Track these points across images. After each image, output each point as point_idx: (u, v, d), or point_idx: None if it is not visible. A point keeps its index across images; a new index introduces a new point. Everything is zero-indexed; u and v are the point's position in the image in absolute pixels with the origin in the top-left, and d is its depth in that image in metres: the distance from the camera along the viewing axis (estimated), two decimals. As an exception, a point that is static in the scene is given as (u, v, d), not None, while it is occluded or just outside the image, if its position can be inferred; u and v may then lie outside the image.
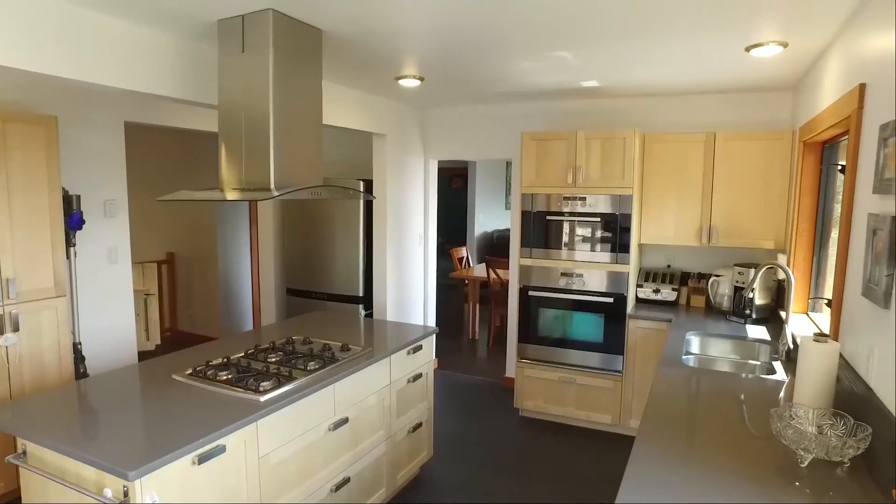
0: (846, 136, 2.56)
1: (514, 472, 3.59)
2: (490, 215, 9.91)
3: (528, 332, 4.30)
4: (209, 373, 2.42)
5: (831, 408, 2.00)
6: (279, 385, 2.33)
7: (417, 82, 3.87)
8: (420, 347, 3.29)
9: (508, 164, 9.93)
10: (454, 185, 10.78)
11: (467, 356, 6.22)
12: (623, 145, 3.87)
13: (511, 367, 5.07)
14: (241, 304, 6.15)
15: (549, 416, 4.36)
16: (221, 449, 1.97)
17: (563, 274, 4.14)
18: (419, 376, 3.31)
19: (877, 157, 1.91)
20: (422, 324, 5.50)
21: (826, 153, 3.32)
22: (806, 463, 1.72)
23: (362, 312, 4.99)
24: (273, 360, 2.68)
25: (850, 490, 1.59)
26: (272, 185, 2.50)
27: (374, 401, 2.90)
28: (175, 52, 2.81)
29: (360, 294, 4.97)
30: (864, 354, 1.94)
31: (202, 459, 1.90)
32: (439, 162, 5.57)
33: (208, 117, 4.57)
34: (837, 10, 2.36)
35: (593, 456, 3.83)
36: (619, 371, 4.03)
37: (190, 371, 2.47)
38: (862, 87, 2.18)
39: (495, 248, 9.68)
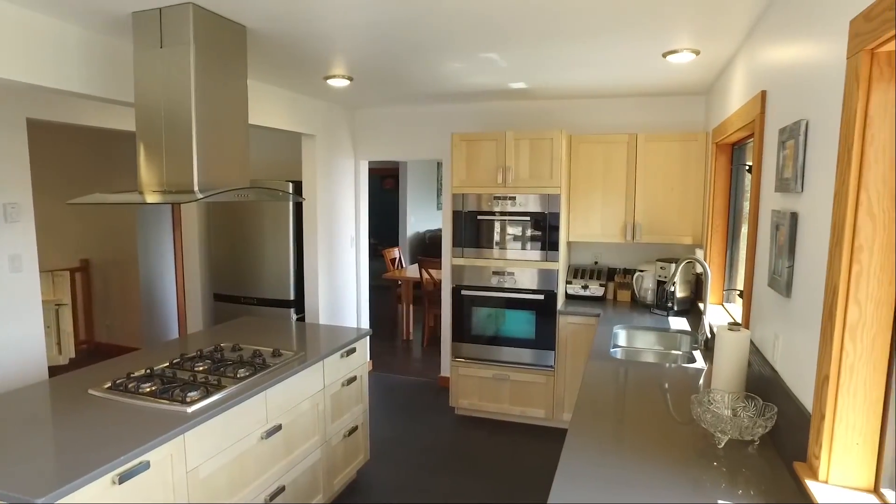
0: (752, 139, 2.74)
1: (452, 471, 3.62)
2: (422, 216, 9.93)
3: (462, 331, 4.34)
4: (130, 385, 2.30)
5: (744, 391, 2.14)
6: (207, 395, 2.24)
7: (347, 82, 3.83)
8: (354, 350, 3.25)
9: (439, 164, 9.99)
10: (386, 186, 10.73)
11: (402, 357, 6.21)
12: (551, 146, 3.98)
13: (446, 366, 5.10)
14: (165, 312, 5.87)
15: (485, 414, 4.42)
16: (145, 465, 1.87)
17: (494, 273, 4.21)
18: (353, 379, 3.28)
19: (777, 159, 2.06)
20: (355, 326, 5.44)
21: (736, 154, 3.54)
22: (722, 444, 1.83)
23: (294, 316, 4.88)
24: (200, 368, 2.57)
25: (759, 466, 1.70)
26: (196, 187, 2.40)
27: (308, 406, 2.84)
28: (83, 45, 2.64)
29: (292, 298, 4.85)
30: (770, 340, 2.08)
31: (124, 478, 1.80)
32: (370, 162, 5.53)
33: (125, 116, 4.33)
34: (740, 23, 2.53)
35: (528, 450, 3.92)
36: (551, 366, 4.14)
37: (108, 385, 2.33)
38: (763, 94, 2.34)
39: (428, 248, 9.71)
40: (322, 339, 3.20)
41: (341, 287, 5.17)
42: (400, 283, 6.95)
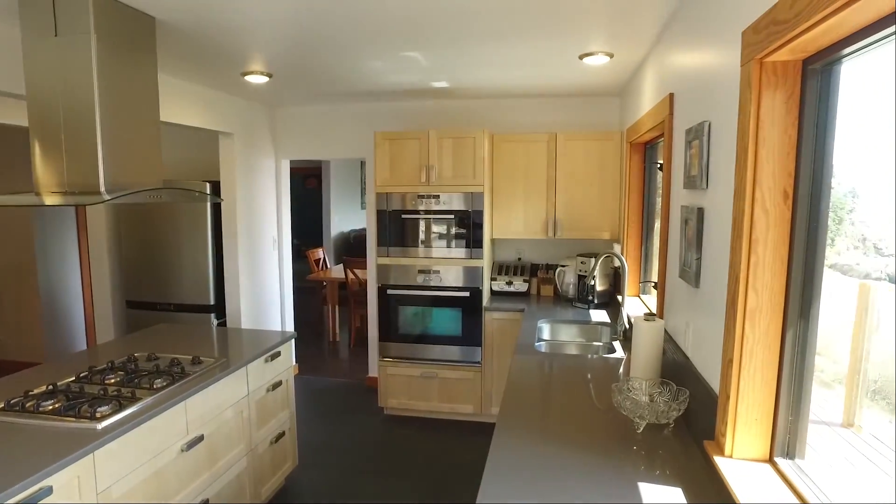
0: (662, 138, 2.90)
1: (382, 472, 3.60)
2: (346, 215, 9.80)
3: (389, 331, 4.32)
4: (28, 404, 2.12)
5: (659, 377, 2.26)
6: (120, 408, 2.11)
7: (265, 79, 3.71)
8: (278, 354, 3.17)
9: (363, 163, 9.89)
10: (308, 186, 10.51)
11: (329, 359, 6.11)
12: (473, 145, 4.04)
13: (373, 366, 5.07)
14: (70, 323, 5.48)
15: (414, 412, 4.43)
16: (47, 491, 1.73)
17: (420, 271, 4.22)
18: (279, 384, 3.19)
19: (685, 157, 2.19)
20: (279, 329, 5.30)
21: (648, 152, 3.73)
22: (641, 429, 1.93)
23: (214, 321, 4.68)
24: (112, 381, 2.42)
25: (674, 447, 1.81)
26: (102, 188, 2.26)
27: (232, 414, 2.74)
28: (-30, 36, 2.42)
29: (212, 302, 4.66)
30: (682, 328, 2.21)
31: None
32: (292, 162, 5.39)
33: (15, 109, 3.99)
34: (649, 29, 2.66)
35: (459, 446, 3.96)
36: (478, 362, 4.20)
37: (2, 405, 2.14)
38: (671, 97, 2.48)
39: (352, 248, 9.60)
40: (245, 343, 3.10)
41: (264, 290, 5.02)
42: (325, 284, 6.83)
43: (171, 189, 2.59)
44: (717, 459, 1.55)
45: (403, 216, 4.19)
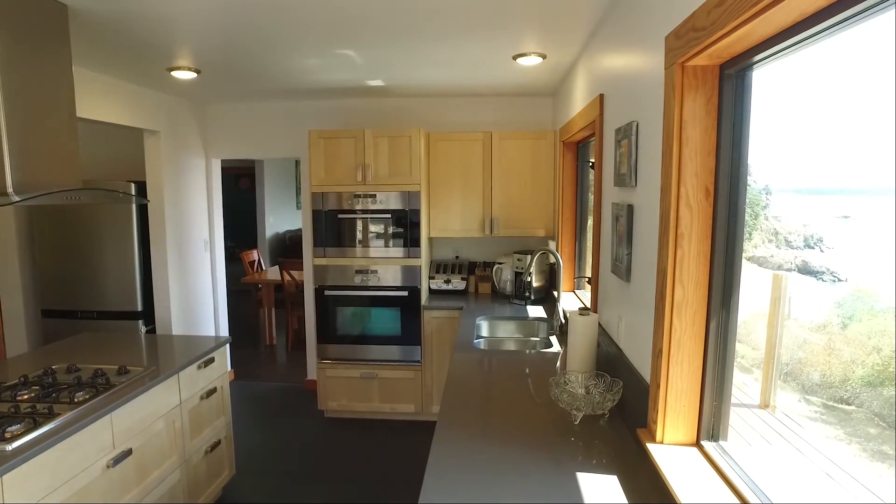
0: (594, 138, 2.99)
1: (323, 476, 3.55)
2: (281, 216, 9.57)
3: (327, 332, 4.26)
4: (-67, 424, 1.95)
5: (594, 370, 2.34)
6: (35, 426, 1.97)
7: (193, 75, 3.57)
8: (212, 360, 3.06)
9: (298, 162, 9.68)
10: (241, 186, 10.20)
11: (266, 363, 5.95)
12: (409, 143, 4.03)
13: (312, 369, 4.97)
14: (-24, 335, 5.07)
15: (355, 414, 4.38)
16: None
17: (358, 271, 4.18)
18: (213, 391, 3.08)
19: (615, 156, 2.27)
20: (213, 334, 5.11)
21: (581, 151, 3.84)
22: (578, 420, 1.98)
23: (143, 329, 4.46)
24: (25, 397, 2.26)
25: (610, 436, 1.87)
26: (9, 188, 2.10)
27: (163, 425, 2.62)
28: None
29: (139, 308, 4.43)
30: (615, 321, 2.29)
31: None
32: (224, 161, 5.20)
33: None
34: (580, 31, 2.74)
35: (400, 446, 3.95)
36: (418, 361, 4.20)
37: None
38: (601, 97, 2.56)
39: (288, 249, 9.39)
40: (176, 350, 2.97)
41: (196, 294, 4.83)
42: (260, 286, 6.65)
43: (91, 190, 2.45)
44: (650, 446, 1.62)
45: (340, 216, 4.14)
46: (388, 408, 4.28)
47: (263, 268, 7.76)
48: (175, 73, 3.54)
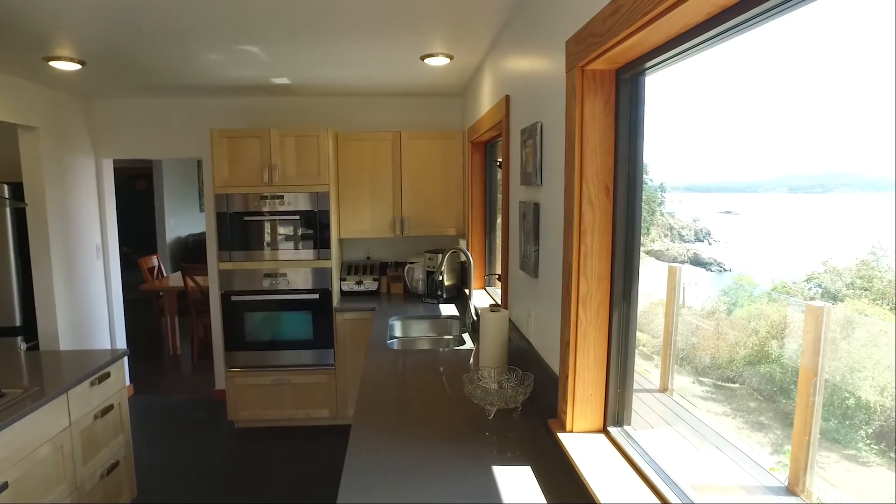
0: (501, 138, 3.06)
1: (236, 489, 3.40)
2: (183, 219, 9.06)
3: (236, 339, 4.09)
4: None
5: (506, 365, 2.40)
6: None
7: (77, 66, 3.29)
8: (108, 375, 2.85)
9: (200, 162, 9.21)
10: (138, 187, 9.55)
11: (170, 375, 5.63)
12: (317, 143, 3.95)
13: (220, 378, 4.75)
14: None
15: (267, 422, 4.24)
16: None
17: (266, 275, 4.04)
18: (110, 409, 2.87)
19: (521, 156, 2.34)
20: (109, 347, 4.76)
21: (489, 151, 3.92)
22: (492, 415, 2.03)
23: (23, 345, 4.07)
24: None
25: (523, 428, 1.93)
26: None
27: (49, 451, 2.40)
28: None
29: (18, 323, 4.04)
30: (525, 317, 2.36)
31: None
32: (118, 161, 4.85)
33: None
34: (485, 33, 2.80)
35: (316, 452, 3.86)
36: (331, 364, 4.12)
37: None
38: (507, 98, 2.63)
39: (192, 253, 8.90)
40: (65, 367, 2.74)
41: (88, 304, 4.47)
42: (162, 293, 6.27)
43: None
44: (560, 435, 1.68)
45: (246, 218, 3.98)
46: (302, 414, 4.18)
47: (164, 274, 7.33)
48: (54, 64, 3.24)
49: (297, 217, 3.99)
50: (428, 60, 3.29)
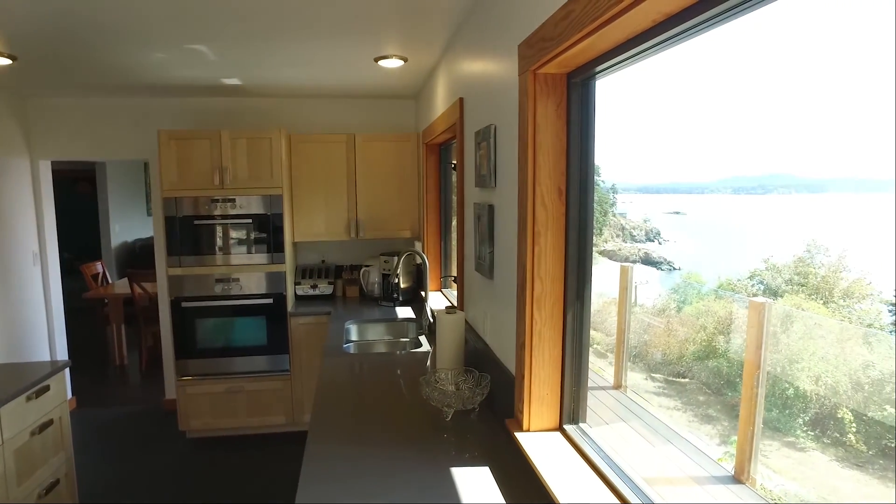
0: (455, 140, 3.08)
1: (188, 503, 3.30)
2: (129, 223, 8.73)
3: (187, 347, 3.97)
4: None
5: (463, 366, 2.40)
6: None
7: (7, 61, 3.12)
8: (47, 388, 2.71)
9: (147, 165, 8.89)
10: (81, 191, 9.16)
11: (116, 386, 5.41)
12: (270, 145, 3.87)
13: (171, 387, 4.60)
14: None
15: (221, 431, 4.12)
16: None
17: (218, 280, 3.94)
18: (49, 424, 2.73)
19: (475, 158, 2.35)
20: (48, 359, 4.54)
21: (443, 153, 3.93)
22: (450, 417, 2.03)
23: (-47, 359, 3.84)
24: None
25: (481, 429, 1.94)
26: None
27: (-16, 467, 2.28)
28: None
29: (-52, 335, 3.82)
30: (481, 318, 2.38)
31: None
32: (57, 163, 4.64)
33: None
34: (439, 36, 2.81)
35: (272, 460, 3.78)
36: (286, 370, 4.05)
37: None
38: (461, 101, 2.64)
39: (139, 259, 8.58)
40: (-1, 381, 2.60)
41: (24, 315, 4.25)
42: (107, 301, 6.03)
43: None
44: (518, 434, 1.70)
45: (196, 222, 3.87)
46: (256, 421, 4.08)
47: (110, 281, 7.04)
48: (-19, 60, 3.07)
49: (250, 221, 3.91)
50: (382, 62, 3.27)
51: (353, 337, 3.58)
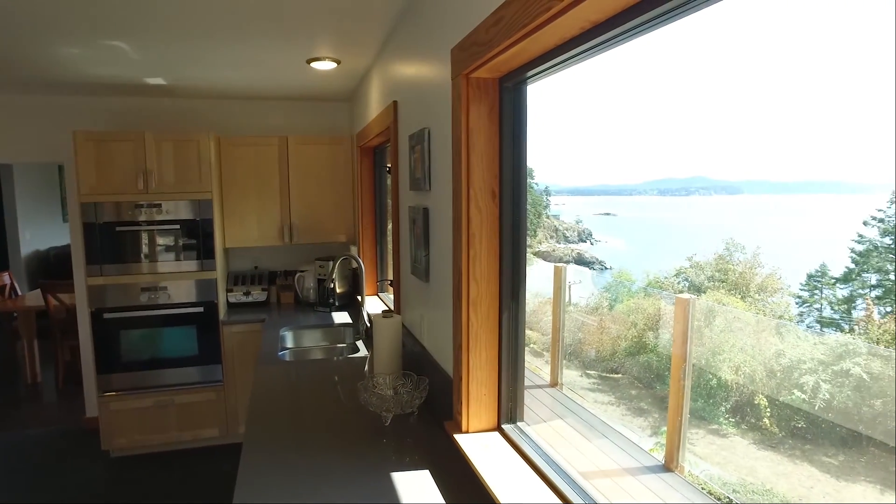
0: (389, 143, 3.06)
1: (110, 524, 3.12)
2: (42, 230, 8.19)
3: (110, 361, 3.75)
4: None
5: (401, 370, 2.39)
6: None
7: None
8: (-50, 411, 2.50)
9: (62, 168, 8.36)
10: (-16, 196, 8.50)
11: (29, 406, 5.05)
12: (198, 148, 3.73)
13: (92, 405, 4.33)
14: None
15: (149, 448, 3.92)
16: None
17: (144, 289, 3.75)
18: (-47, 448, 2.52)
19: (409, 161, 2.35)
20: (-49, 379, 4.18)
21: (378, 156, 3.91)
22: (389, 421, 2.01)
23: None
24: None
25: (420, 432, 1.94)
26: None
27: None
28: None
29: None
30: (417, 321, 2.38)
31: None
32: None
33: None
34: (372, 39, 2.79)
35: (206, 475, 3.63)
36: (219, 381, 3.91)
37: None
38: (395, 104, 2.64)
39: (54, 268, 8.05)
40: None
41: (-79, 331, 3.90)
42: (16, 315, 5.61)
43: None
44: (457, 436, 1.71)
45: (119, 228, 3.67)
46: (188, 435, 3.91)
47: (19, 292, 6.58)
48: None
49: (178, 226, 3.75)
50: (314, 64, 3.22)
51: (289, 344, 3.50)
